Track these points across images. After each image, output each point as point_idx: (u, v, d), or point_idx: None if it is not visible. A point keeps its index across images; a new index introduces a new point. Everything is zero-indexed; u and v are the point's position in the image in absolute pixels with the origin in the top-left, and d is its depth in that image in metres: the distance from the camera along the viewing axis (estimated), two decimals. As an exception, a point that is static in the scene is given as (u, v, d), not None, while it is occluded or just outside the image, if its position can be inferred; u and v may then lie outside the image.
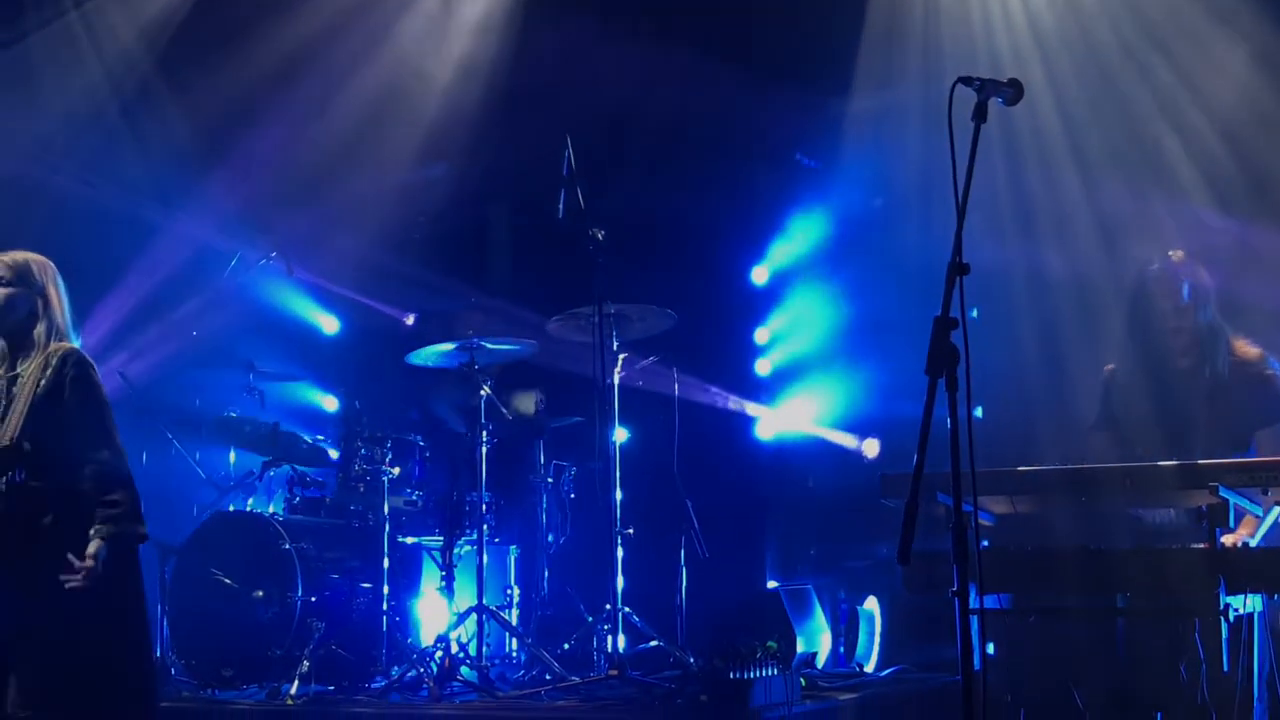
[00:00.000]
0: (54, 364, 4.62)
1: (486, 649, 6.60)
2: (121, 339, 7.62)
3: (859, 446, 7.89)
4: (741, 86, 7.69)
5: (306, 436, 7.50)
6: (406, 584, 7.03)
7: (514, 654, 7.06)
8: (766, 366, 8.44)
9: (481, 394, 6.92)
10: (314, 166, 8.16)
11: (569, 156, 6.59)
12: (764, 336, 8.49)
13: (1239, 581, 4.70)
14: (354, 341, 8.93)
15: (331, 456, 7.48)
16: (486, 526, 6.82)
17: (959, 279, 3.56)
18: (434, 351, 7.03)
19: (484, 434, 6.91)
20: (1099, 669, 5.15)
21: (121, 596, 4.68)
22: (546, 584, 7.32)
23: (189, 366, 7.74)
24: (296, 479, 7.20)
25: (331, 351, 8.95)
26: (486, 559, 6.71)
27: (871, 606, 7.23)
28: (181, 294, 7.84)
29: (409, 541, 7.16)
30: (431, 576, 7.04)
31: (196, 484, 7.39)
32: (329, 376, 8.71)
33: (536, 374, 7.78)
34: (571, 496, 7.54)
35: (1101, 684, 5.14)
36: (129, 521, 4.59)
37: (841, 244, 8.13)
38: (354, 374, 8.61)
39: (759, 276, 8.51)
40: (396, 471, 7.01)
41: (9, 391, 4.62)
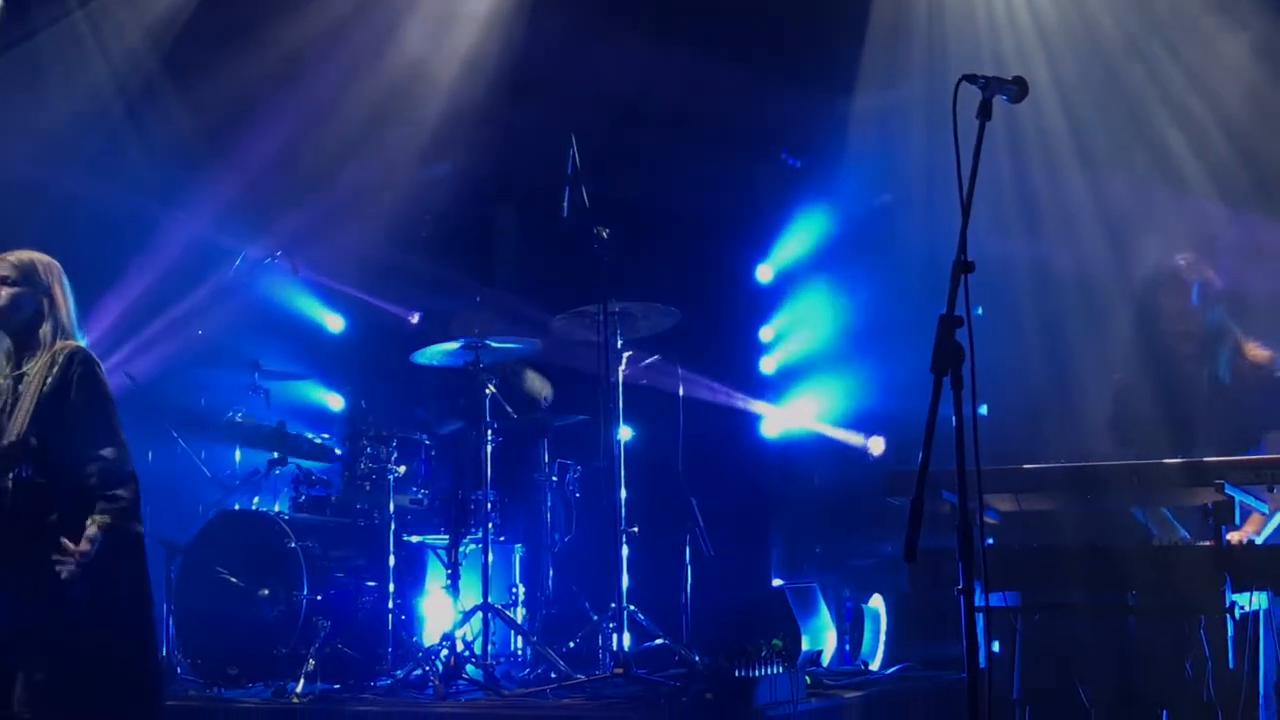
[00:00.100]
0: (60, 363, 4.64)
1: (492, 647, 6.59)
2: (127, 338, 7.63)
3: (864, 444, 7.89)
4: (746, 84, 7.69)
5: (312, 435, 7.51)
6: (412, 582, 7.03)
7: (519, 652, 7.05)
8: (771, 364, 8.42)
9: (487, 392, 6.92)
10: (319, 165, 8.15)
11: (573, 155, 6.60)
12: (769, 334, 8.48)
13: (1245, 579, 4.70)
14: (359, 340, 8.93)
15: (337, 455, 7.47)
16: (491, 525, 6.81)
17: (964, 277, 3.56)
18: (438, 350, 7.03)
19: (489, 432, 6.91)
20: (1104, 667, 5.14)
21: (127, 596, 4.69)
22: (551, 582, 7.32)
23: (194, 365, 7.74)
24: (302, 477, 7.20)
25: (337, 350, 8.96)
26: (491, 557, 6.70)
27: (877, 604, 7.22)
28: (187, 293, 7.84)
29: (414, 540, 7.16)
30: (437, 575, 7.04)
31: (202, 482, 7.40)
32: (334, 375, 8.71)
33: (542, 371, 7.79)
34: (576, 495, 7.54)
35: (1107, 681, 5.13)
36: (128, 517, 4.60)
37: (846, 242, 8.12)
38: (359, 373, 8.61)
39: (764, 274, 8.49)
40: (402, 470, 7.01)
41: (15, 390, 4.64)
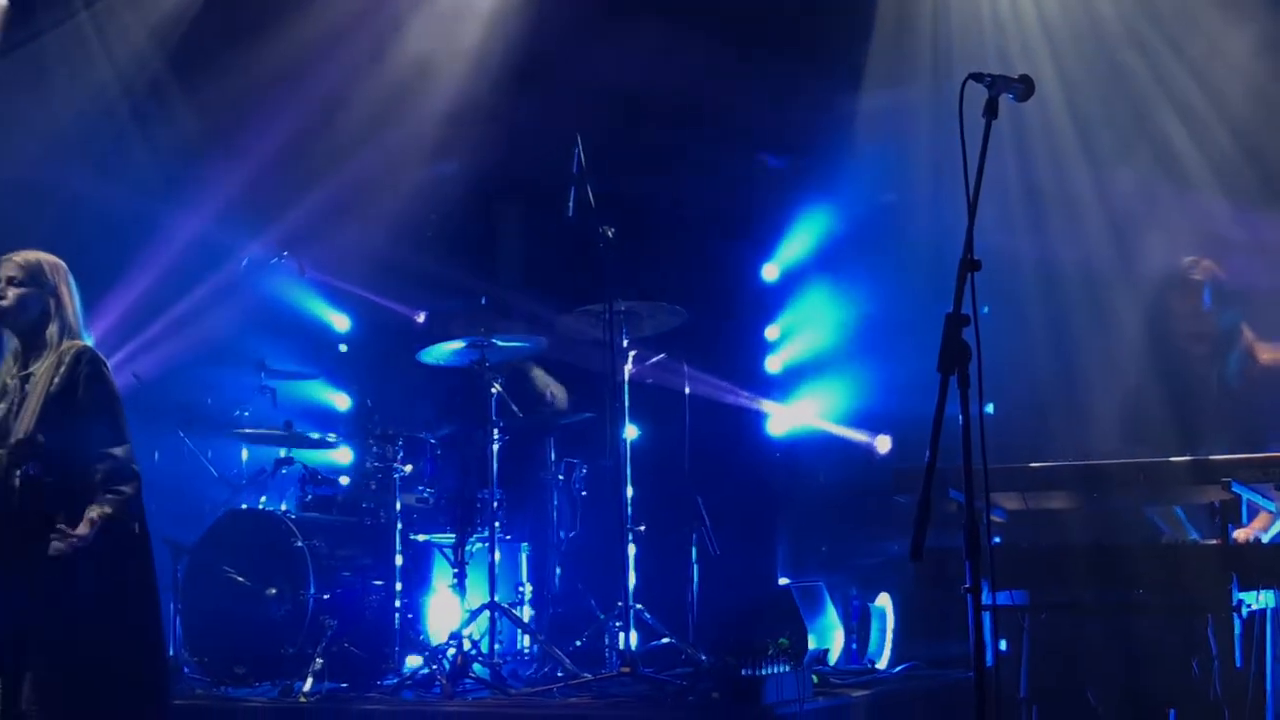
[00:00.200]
0: (67, 362, 4.65)
1: (499, 646, 6.60)
2: (133, 337, 7.64)
3: (870, 443, 7.88)
4: (750, 83, 7.68)
5: (318, 434, 7.51)
6: (418, 581, 7.03)
7: (526, 651, 7.05)
8: (777, 363, 8.41)
9: (493, 391, 6.92)
10: (324, 164, 8.16)
11: (579, 154, 6.59)
12: (774, 333, 8.47)
13: (1251, 577, 4.70)
14: (366, 339, 8.94)
15: (343, 454, 7.48)
16: (498, 524, 6.81)
17: (971, 276, 3.56)
18: (444, 350, 7.03)
19: (495, 431, 6.91)
20: (1111, 665, 5.14)
21: (134, 595, 4.71)
22: (558, 581, 7.32)
23: (201, 365, 7.76)
24: (308, 476, 7.21)
25: (343, 349, 8.97)
26: (498, 556, 6.70)
27: (883, 603, 7.21)
28: (193, 293, 7.85)
29: (421, 539, 7.16)
30: (443, 574, 7.04)
31: (209, 482, 7.41)
32: (341, 375, 8.72)
33: (552, 372, 7.79)
34: (583, 494, 7.53)
35: (1114, 680, 5.14)
36: (129, 511, 4.62)
37: (852, 240, 8.10)
38: (365, 372, 8.62)
39: (769, 273, 8.49)
40: (408, 469, 7.01)
41: (22, 390, 4.65)
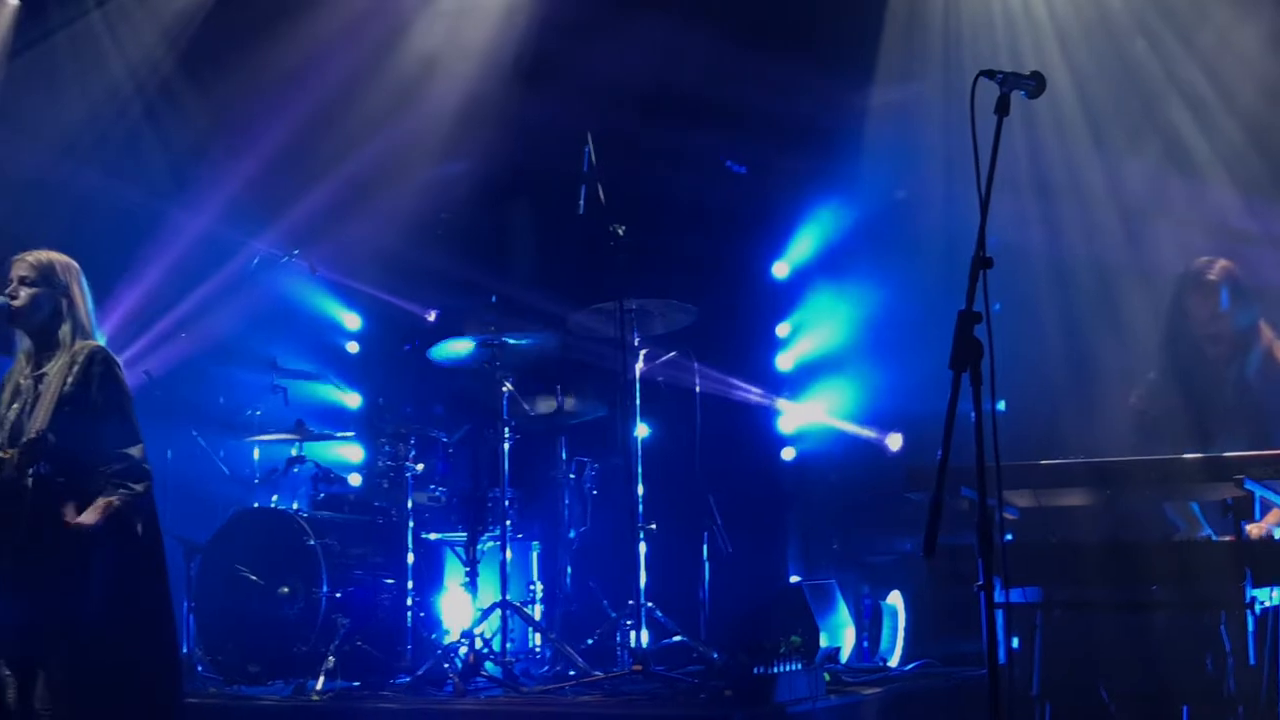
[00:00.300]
0: (80, 362, 4.66)
1: (510, 644, 6.61)
2: (145, 336, 7.65)
3: (882, 440, 7.87)
4: (761, 81, 7.66)
5: (330, 433, 7.52)
6: (430, 580, 7.04)
7: (538, 649, 7.06)
8: (789, 361, 8.40)
9: (504, 390, 6.92)
10: (335, 163, 8.17)
11: (589, 152, 6.59)
12: (785, 330, 8.46)
13: (1265, 574, 4.68)
14: (377, 338, 8.95)
15: (355, 453, 7.48)
16: (509, 522, 6.82)
17: (983, 273, 3.55)
18: (454, 349, 7.03)
19: (506, 430, 6.92)
20: (1124, 663, 5.13)
21: (146, 594, 4.72)
22: (569, 580, 7.32)
23: (212, 364, 7.77)
24: (320, 475, 7.22)
25: (354, 348, 8.98)
26: (510, 555, 6.71)
27: (895, 601, 7.20)
28: (204, 292, 7.87)
29: (433, 537, 7.17)
30: (455, 572, 7.05)
31: (221, 481, 7.42)
32: (352, 373, 8.73)
33: (558, 370, 7.78)
34: (594, 492, 7.53)
35: (1127, 677, 5.12)
36: (137, 506, 4.64)
37: (863, 237, 8.09)
38: (377, 371, 8.63)
39: (780, 270, 8.48)
40: (420, 468, 7.02)
41: (35, 390, 4.66)
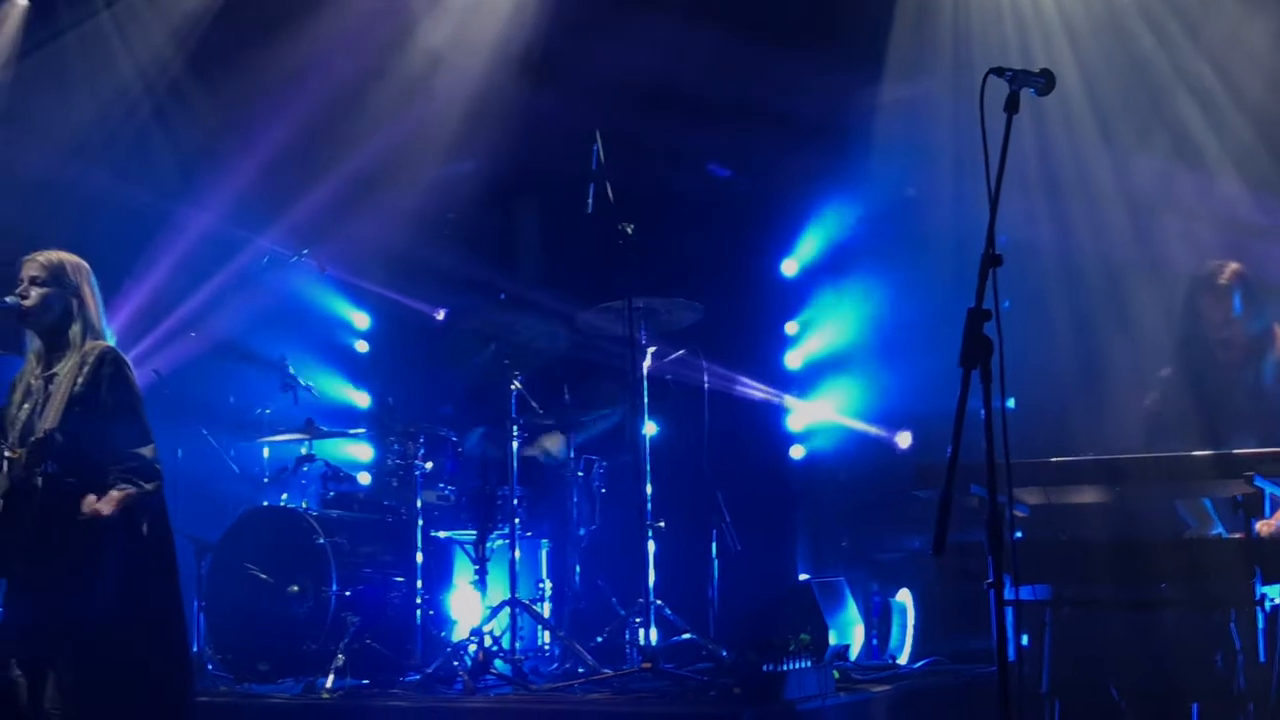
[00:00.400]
0: (90, 363, 4.67)
1: (519, 642, 6.62)
2: (154, 335, 7.67)
3: (891, 438, 7.86)
4: (769, 78, 7.66)
5: (340, 431, 7.53)
6: (440, 578, 7.05)
7: (547, 647, 7.07)
8: (797, 358, 8.40)
9: (512, 388, 6.93)
10: (343, 162, 8.18)
11: (598, 150, 6.59)
12: (794, 328, 8.45)
13: (1275, 571, 4.68)
14: (386, 337, 8.96)
15: (364, 451, 7.49)
16: (518, 520, 6.82)
17: (992, 270, 3.55)
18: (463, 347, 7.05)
19: (515, 428, 6.92)
20: (1134, 660, 5.12)
21: (156, 593, 4.74)
22: (578, 577, 7.33)
23: (222, 362, 7.78)
24: (330, 474, 7.23)
25: (364, 347, 8.99)
26: (519, 553, 6.71)
27: (904, 599, 7.20)
28: (214, 291, 7.88)
29: (442, 536, 7.18)
30: (464, 570, 7.06)
31: (231, 479, 7.44)
32: (361, 372, 8.73)
33: (565, 368, 7.78)
34: (602, 490, 7.54)
35: (1136, 675, 5.11)
36: (147, 502, 4.66)
37: (872, 235, 8.08)
38: (386, 370, 8.63)
39: (788, 268, 8.47)
40: (429, 466, 7.03)
41: (46, 390, 4.67)
